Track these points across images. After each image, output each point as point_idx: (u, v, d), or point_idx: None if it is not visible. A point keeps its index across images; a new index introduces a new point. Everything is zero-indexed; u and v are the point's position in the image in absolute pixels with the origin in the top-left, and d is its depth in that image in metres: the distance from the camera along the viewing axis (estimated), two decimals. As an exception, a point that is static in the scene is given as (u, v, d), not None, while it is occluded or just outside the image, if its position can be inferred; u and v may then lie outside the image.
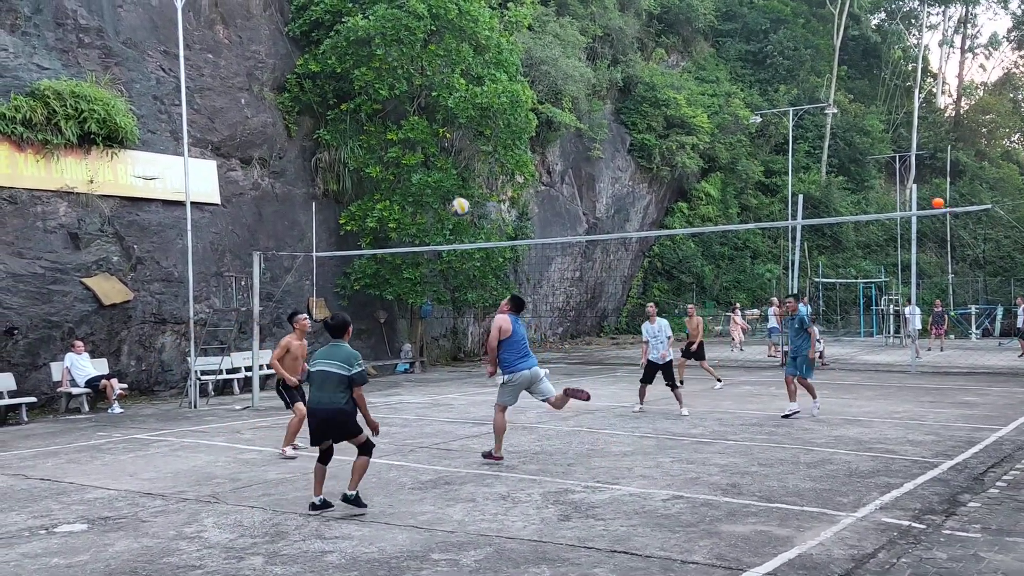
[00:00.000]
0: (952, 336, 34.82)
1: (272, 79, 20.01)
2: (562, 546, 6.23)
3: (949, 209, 26.07)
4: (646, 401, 13.89)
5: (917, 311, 25.47)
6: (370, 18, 19.19)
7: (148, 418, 13.98)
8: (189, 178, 15.58)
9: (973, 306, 36.02)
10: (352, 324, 7.76)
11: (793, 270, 23.56)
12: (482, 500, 7.68)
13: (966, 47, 55.98)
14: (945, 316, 28.67)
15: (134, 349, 16.37)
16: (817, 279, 36.08)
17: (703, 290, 37.24)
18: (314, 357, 7.41)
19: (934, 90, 54.53)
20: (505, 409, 9.46)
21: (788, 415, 12.64)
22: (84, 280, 15.36)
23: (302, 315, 10.83)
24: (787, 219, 32.91)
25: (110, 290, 15.67)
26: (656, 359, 13.50)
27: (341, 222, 20.62)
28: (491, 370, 9.51)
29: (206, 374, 16.62)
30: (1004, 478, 8.34)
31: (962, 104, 55.02)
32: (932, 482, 8.18)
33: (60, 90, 15.03)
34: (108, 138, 15.77)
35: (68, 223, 15.39)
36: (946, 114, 53.70)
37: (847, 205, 40.94)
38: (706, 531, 6.54)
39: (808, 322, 13.02)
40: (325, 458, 7.45)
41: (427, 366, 22.83)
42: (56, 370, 14.71)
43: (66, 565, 6.05)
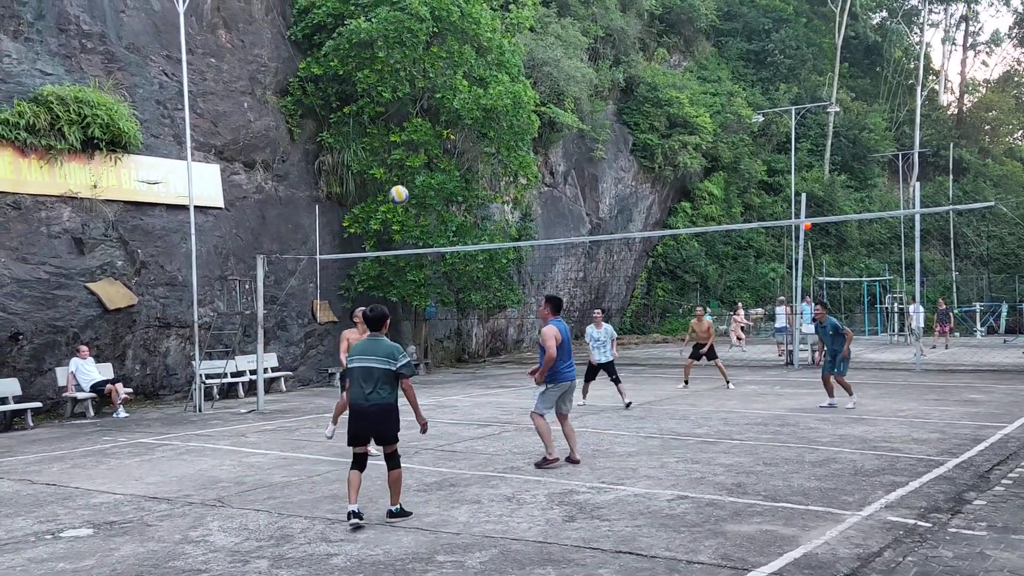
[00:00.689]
0: (957, 334, 34.76)
1: (274, 83, 20.05)
2: (567, 547, 6.23)
3: (953, 207, 25.99)
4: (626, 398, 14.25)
5: (921, 309, 25.44)
6: (372, 21, 19.21)
7: (153, 422, 14.00)
8: (192, 182, 15.61)
9: (978, 303, 35.96)
10: (388, 316, 7.41)
11: (797, 269, 23.53)
12: (487, 502, 7.68)
13: (968, 44, 55.88)
14: (950, 314, 28.62)
15: (139, 353, 16.40)
16: (821, 278, 36.04)
17: (707, 290, 37.22)
18: (352, 352, 7.16)
19: (936, 87, 54.43)
20: (544, 416, 9.21)
21: (824, 406, 13.56)
22: (88, 285, 15.40)
23: (359, 308, 10.82)
24: (790, 218, 32.88)
25: (114, 295, 15.70)
26: (600, 361, 14.19)
27: (344, 224, 20.64)
28: (538, 377, 9.17)
29: (211, 378, 16.65)
30: (1010, 476, 8.32)
31: (965, 101, 54.92)
32: (938, 480, 8.17)
33: (63, 95, 15.07)
34: (111, 143, 15.81)
35: (72, 228, 15.44)
36: (949, 111, 53.61)
37: (851, 203, 40.89)
38: (711, 531, 6.54)
39: (842, 327, 13.80)
40: (361, 463, 7.12)
41: (431, 368, 22.84)
42: (61, 375, 14.75)
43: (72, 570, 6.06)
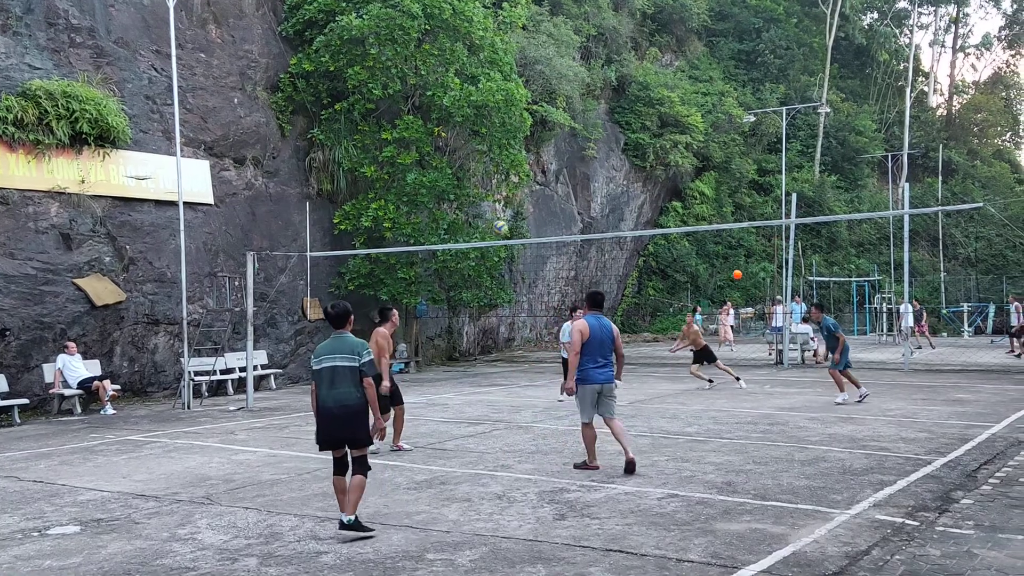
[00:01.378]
0: (945, 334, 34.96)
1: (265, 78, 19.96)
2: (558, 545, 6.22)
3: (941, 208, 26.11)
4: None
5: (910, 308, 25.58)
6: (364, 17, 19.15)
7: (141, 419, 13.93)
8: (182, 178, 15.52)
9: (965, 304, 36.17)
10: (352, 313, 7.08)
11: (787, 269, 23.61)
12: (477, 500, 7.67)
13: (957, 46, 56.15)
14: (924, 313, 28.89)
15: (127, 350, 16.31)
16: (811, 277, 36.17)
17: (697, 289, 37.32)
18: (317, 352, 6.79)
19: (926, 89, 54.68)
20: (590, 424, 8.65)
21: (839, 403, 13.97)
22: (76, 281, 15.30)
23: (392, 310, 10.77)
24: (781, 218, 32.99)
25: (102, 291, 15.60)
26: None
27: (335, 222, 20.58)
28: (569, 386, 8.61)
29: (200, 375, 16.57)
30: (997, 475, 8.37)
31: (954, 103, 55.20)
32: (925, 479, 8.20)
33: (52, 90, 14.97)
34: (100, 138, 15.71)
35: (60, 224, 15.33)
36: (938, 113, 53.89)
37: (840, 204, 41.08)
38: (701, 529, 6.54)
39: (836, 328, 14.35)
40: (341, 468, 6.74)
41: (422, 366, 22.81)
42: (48, 371, 14.65)
43: (59, 567, 6.02)
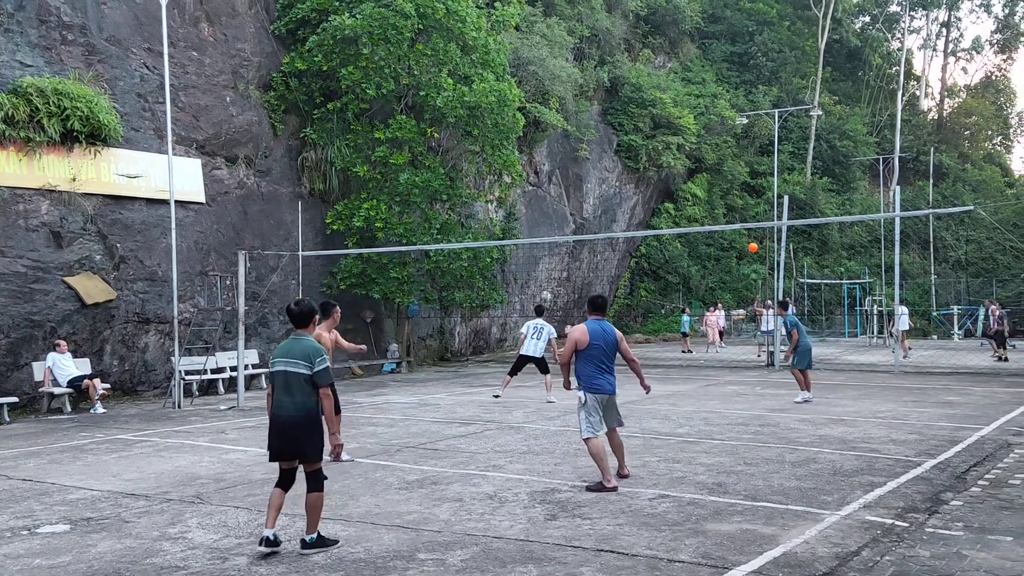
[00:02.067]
0: (935, 336, 35.12)
1: (257, 77, 19.92)
2: (549, 545, 6.23)
3: (932, 211, 26.25)
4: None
5: (904, 311, 25.72)
6: (357, 17, 19.13)
7: (131, 418, 13.87)
8: (173, 176, 15.46)
9: (955, 307, 36.35)
10: (317, 312, 6.59)
11: (779, 271, 23.69)
12: (469, 500, 7.67)
13: (949, 50, 56.45)
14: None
15: (117, 349, 16.24)
16: (802, 279, 36.28)
17: (689, 290, 37.39)
18: (274, 354, 6.29)
19: (917, 93, 54.94)
20: (596, 437, 8.09)
21: (797, 402, 14.21)
22: (66, 279, 15.23)
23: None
24: (773, 220, 33.09)
25: (93, 289, 15.53)
26: (534, 354, 14.89)
27: (327, 221, 20.55)
28: (566, 383, 8.45)
29: (190, 374, 16.52)
30: (986, 477, 8.41)
31: (945, 107, 55.48)
32: (915, 481, 8.24)
33: (43, 87, 14.90)
34: (91, 136, 15.65)
35: (50, 221, 15.26)
36: (929, 116, 54.15)
37: (832, 206, 41.23)
38: (692, 530, 6.56)
39: (790, 326, 14.48)
40: (286, 482, 6.25)
41: (414, 366, 22.79)
42: (38, 370, 14.58)
43: (48, 566, 5.99)
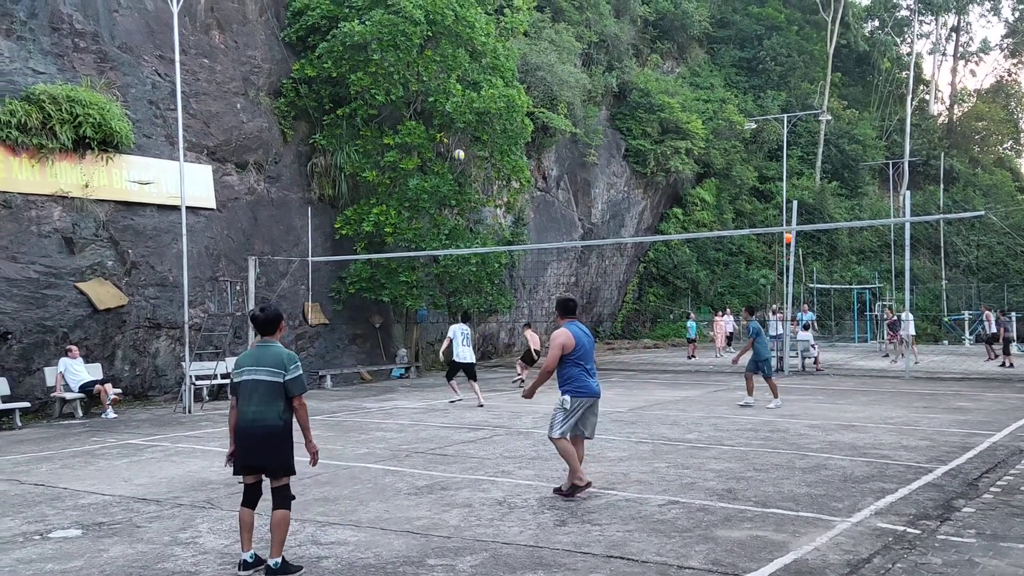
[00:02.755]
0: (946, 342, 34.96)
1: (268, 84, 20.02)
2: (558, 551, 6.23)
3: (942, 216, 26.14)
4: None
5: (911, 317, 25.58)
6: (366, 23, 19.22)
7: (142, 423, 13.93)
8: (184, 182, 15.55)
9: (966, 312, 36.19)
10: (284, 318, 6.18)
11: (788, 276, 23.63)
12: (478, 505, 7.67)
13: (958, 54, 56.27)
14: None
15: (128, 354, 16.32)
16: (812, 284, 36.18)
17: (698, 295, 37.33)
18: (239, 361, 5.93)
19: (927, 97, 54.78)
20: (564, 438, 7.80)
21: (770, 407, 14.32)
22: (78, 285, 15.32)
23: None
24: (781, 225, 33.01)
25: (104, 295, 15.62)
26: (469, 360, 15.54)
27: (337, 226, 20.62)
28: (530, 392, 8.15)
29: (201, 379, 16.58)
30: (998, 483, 8.37)
31: (955, 111, 55.30)
32: (927, 487, 8.20)
33: (55, 94, 15.01)
34: (103, 142, 15.76)
35: (63, 227, 15.36)
36: (939, 121, 53.99)
37: (841, 211, 41.13)
38: (702, 536, 6.55)
39: (751, 332, 14.81)
40: (252, 498, 5.95)
41: (422, 371, 22.81)
42: (50, 375, 14.65)
43: (61, 571, 6.02)
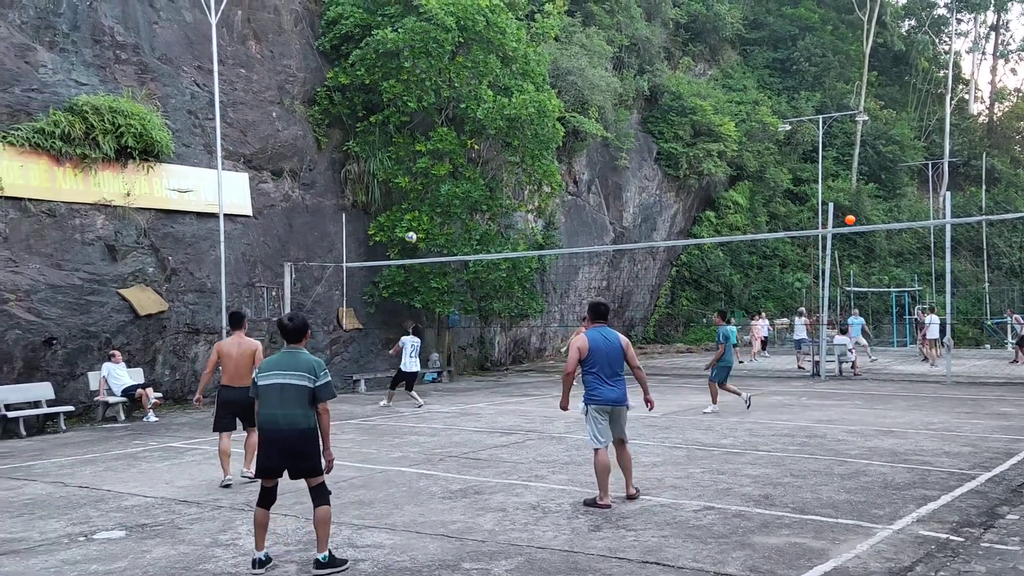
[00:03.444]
0: (988, 345, 34.26)
1: (303, 92, 20.29)
2: (593, 556, 6.23)
3: (984, 217, 25.65)
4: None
5: (936, 320, 25.17)
6: (398, 31, 19.39)
7: (182, 426, 14.16)
8: (222, 190, 15.82)
9: (1009, 315, 35.43)
10: (310, 327, 6.37)
11: (823, 279, 23.35)
12: (512, 510, 7.69)
13: (998, 53, 55.21)
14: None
15: (168, 359, 16.61)
16: (848, 288, 35.70)
17: (732, 299, 37.00)
18: (262, 368, 6.12)
19: (966, 96, 53.79)
20: (605, 448, 7.78)
21: (706, 412, 14.39)
22: (120, 291, 15.64)
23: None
24: (817, 227, 32.62)
25: (145, 301, 15.93)
26: (412, 369, 16.11)
27: (370, 232, 20.81)
28: (562, 401, 8.06)
29: (238, 383, 16.78)
30: (1043, 490, 8.21)
31: (995, 110, 54.24)
32: (970, 494, 8.07)
33: (98, 105, 15.35)
34: (144, 152, 16.07)
35: (105, 235, 15.69)
36: (979, 121, 52.98)
37: (879, 213, 40.50)
38: (739, 542, 6.50)
39: (720, 338, 14.55)
40: (268, 500, 6.12)
41: (455, 375, 22.91)
42: (93, 379, 14.95)
43: (105, 572, 6.15)
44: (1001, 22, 54.11)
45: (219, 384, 9.36)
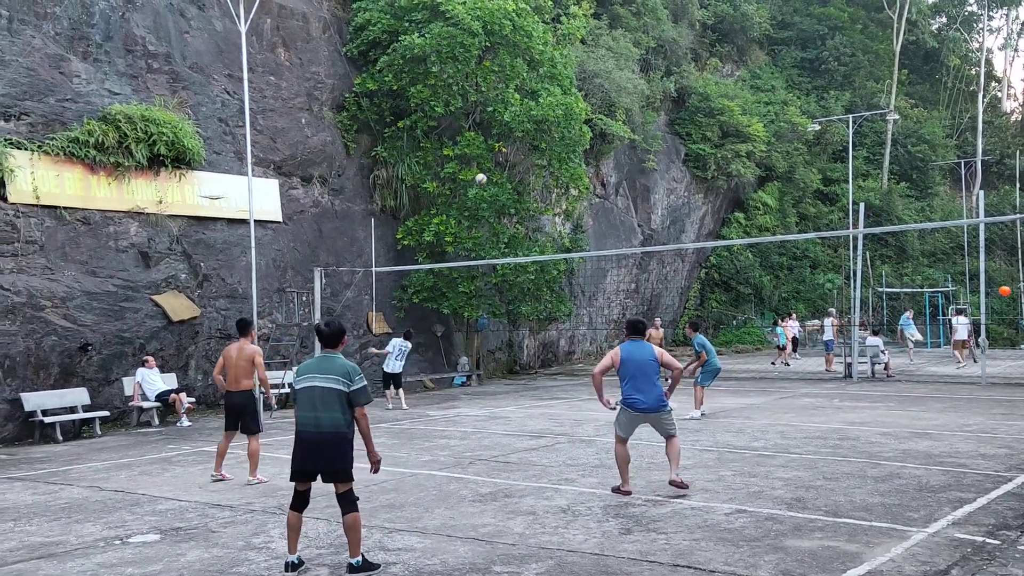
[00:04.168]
0: (1023, 346, 33.63)
1: (331, 99, 20.47)
2: (624, 560, 6.21)
3: (1018, 216, 25.20)
4: None
5: (965, 320, 24.76)
6: (426, 36, 19.50)
7: (215, 431, 14.31)
8: (253, 197, 15.97)
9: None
10: (347, 333, 6.45)
11: (855, 280, 23.06)
12: (543, 513, 7.69)
13: (1032, 49, 54.23)
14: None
15: (201, 364, 16.82)
16: (880, 289, 35.22)
17: (761, 301, 36.69)
18: (300, 370, 6.20)
19: (999, 94, 52.89)
20: (624, 441, 8.44)
21: (689, 417, 14.16)
22: (154, 297, 15.88)
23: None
24: (847, 228, 32.24)
25: (178, 307, 16.15)
26: (394, 371, 16.64)
27: (398, 237, 20.93)
28: (602, 399, 8.55)
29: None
30: (1084, 494, 8.04)
31: (1030, 107, 53.29)
32: (1006, 497, 7.93)
33: (131, 114, 15.61)
34: (176, 160, 16.32)
35: (139, 242, 15.95)
36: (1012, 118, 52.06)
37: (911, 213, 39.94)
38: (771, 546, 6.45)
39: (698, 348, 14.65)
40: (301, 503, 6.22)
41: (483, 379, 22.94)
42: (128, 385, 15.19)
43: (140, 575, 6.25)
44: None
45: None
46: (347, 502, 6.02)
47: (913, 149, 43.38)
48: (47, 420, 13.70)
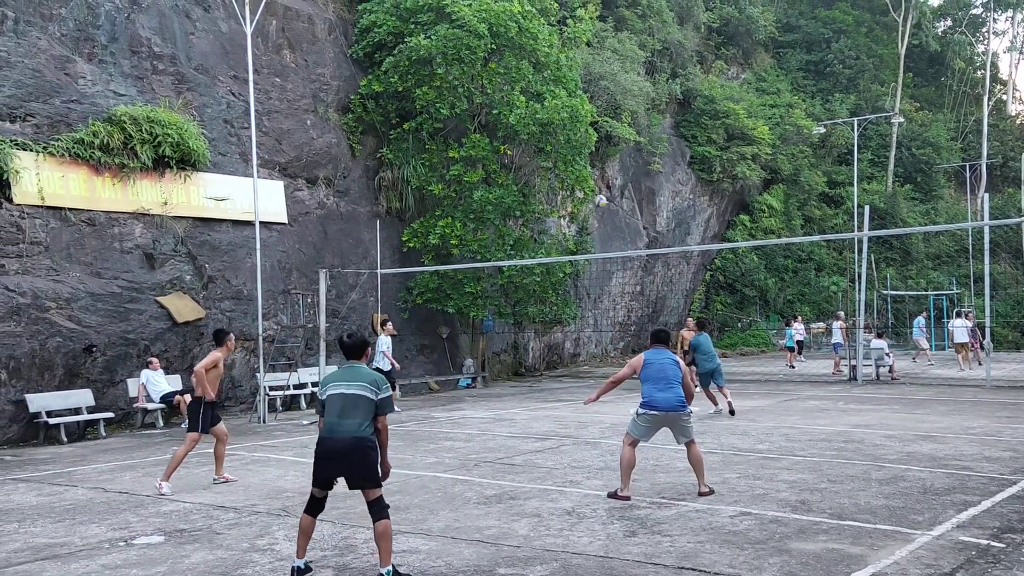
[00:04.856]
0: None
1: (336, 100, 20.50)
2: (628, 562, 6.20)
3: (1023, 219, 25.12)
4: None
5: (964, 324, 24.68)
6: (431, 38, 19.52)
7: (219, 432, 14.34)
8: (258, 198, 16.02)
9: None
10: (370, 344, 6.47)
11: (860, 283, 23.02)
12: (547, 515, 7.69)
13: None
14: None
15: (205, 365, 16.82)
16: (885, 291, 35.13)
17: (766, 303, 36.65)
18: (326, 380, 6.27)
19: (1004, 97, 52.77)
20: (635, 443, 8.44)
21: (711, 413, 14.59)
22: (159, 299, 15.91)
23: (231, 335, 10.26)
24: (852, 230, 32.18)
25: (183, 308, 16.18)
26: (384, 367, 16.53)
27: (404, 239, 20.94)
28: (593, 396, 8.84)
29: (274, 389, 16.99)
30: (1091, 497, 8.01)
31: (1035, 110, 53.14)
32: (1011, 500, 7.90)
33: (136, 115, 15.65)
34: (181, 161, 16.36)
35: (143, 244, 15.98)
36: (1017, 121, 51.94)
37: (915, 215, 39.88)
38: (775, 548, 6.44)
39: (695, 349, 14.80)
40: (316, 508, 6.21)
41: (489, 381, 22.93)
42: (132, 386, 15.21)
43: None
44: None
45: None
46: (378, 509, 5.95)
47: (918, 152, 43.32)
48: (52, 421, 13.74)
